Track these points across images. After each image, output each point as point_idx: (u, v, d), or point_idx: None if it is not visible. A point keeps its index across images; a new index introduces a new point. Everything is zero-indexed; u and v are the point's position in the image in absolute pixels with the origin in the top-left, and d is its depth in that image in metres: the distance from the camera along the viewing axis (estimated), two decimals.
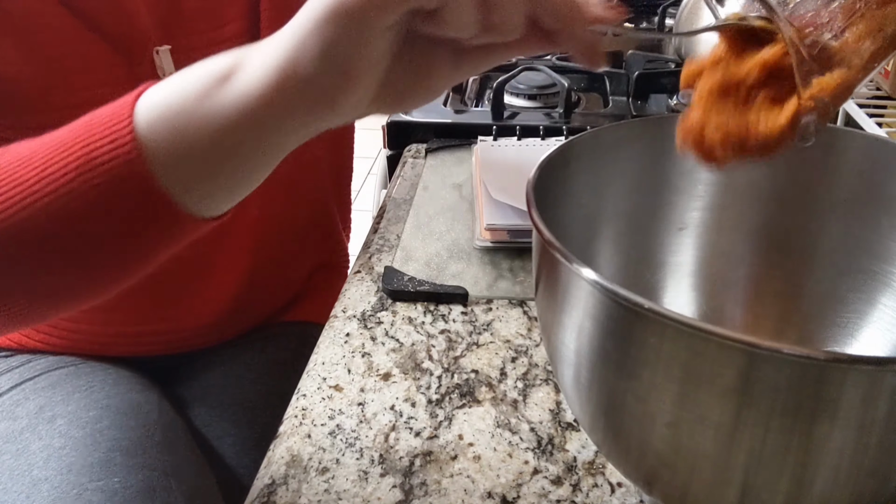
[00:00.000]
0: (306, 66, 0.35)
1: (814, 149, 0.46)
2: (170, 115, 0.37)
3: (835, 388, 0.27)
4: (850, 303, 0.46)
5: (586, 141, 0.43)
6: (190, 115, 0.37)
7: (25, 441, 0.62)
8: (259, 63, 0.36)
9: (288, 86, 0.35)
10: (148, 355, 0.75)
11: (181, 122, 0.37)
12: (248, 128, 0.37)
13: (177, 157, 0.38)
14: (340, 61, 0.35)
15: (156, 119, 0.38)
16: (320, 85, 0.35)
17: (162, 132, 0.37)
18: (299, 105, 0.36)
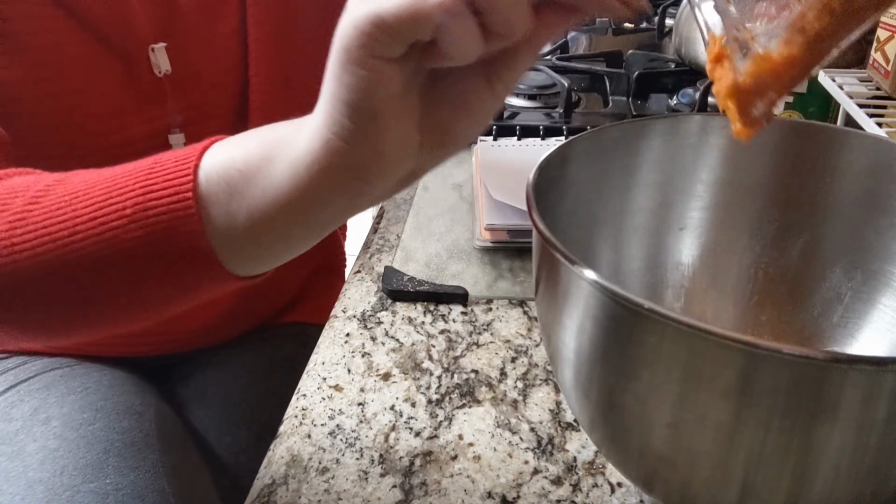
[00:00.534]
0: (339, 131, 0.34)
1: (814, 149, 0.46)
2: (232, 174, 0.37)
3: (835, 388, 0.27)
4: (851, 303, 0.46)
5: (586, 141, 0.43)
6: (248, 179, 0.37)
7: (20, 443, 0.62)
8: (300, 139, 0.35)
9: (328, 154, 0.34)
10: (145, 356, 0.75)
11: (240, 185, 0.37)
12: (297, 201, 0.36)
13: (230, 219, 0.38)
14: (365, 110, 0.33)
15: (217, 177, 0.37)
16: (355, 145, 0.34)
17: (221, 193, 0.37)
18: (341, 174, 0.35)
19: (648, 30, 1.28)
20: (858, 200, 0.45)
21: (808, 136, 0.46)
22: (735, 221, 0.49)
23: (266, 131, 0.38)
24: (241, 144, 0.38)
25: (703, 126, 0.47)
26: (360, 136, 0.34)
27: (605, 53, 1.09)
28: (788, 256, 0.48)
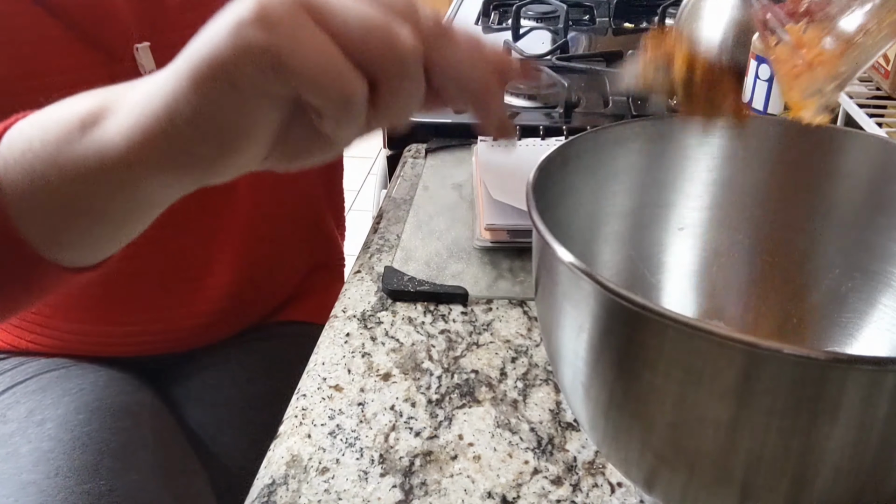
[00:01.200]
0: (178, 128, 0.30)
1: (814, 149, 0.46)
2: (30, 158, 0.34)
3: (835, 388, 0.27)
4: (851, 303, 0.46)
5: (586, 141, 0.43)
6: (46, 160, 0.34)
7: (15, 444, 0.62)
8: (126, 113, 0.32)
9: (155, 145, 0.31)
10: (141, 355, 0.75)
11: (39, 167, 0.34)
12: (106, 183, 0.33)
13: (33, 203, 0.35)
14: (219, 129, 0.30)
15: (14, 163, 0.35)
16: (195, 152, 0.31)
17: (21, 179, 0.35)
18: (168, 166, 0.32)
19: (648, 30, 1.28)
20: (859, 201, 0.45)
21: (808, 137, 0.46)
22: (735, 221, 0.49)
23: (69, 103, 0.35)
24: (41, 122, 0.35)
25: (703, 126, 0.47)
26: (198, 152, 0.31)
27: (605, 53, 1.09)
28: (789, 256, 0.48)
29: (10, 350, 0.74)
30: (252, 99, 0.29)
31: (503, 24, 1.30)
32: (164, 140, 0.31)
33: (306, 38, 0.28)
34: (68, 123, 0.34)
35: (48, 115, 0.35)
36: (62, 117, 0.34)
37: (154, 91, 0.31)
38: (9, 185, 0.35)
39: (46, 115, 0.36)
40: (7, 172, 0.35)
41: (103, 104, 0.33)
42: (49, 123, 0.34)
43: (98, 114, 0.33)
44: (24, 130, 0.35)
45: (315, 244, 0.88)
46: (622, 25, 1.32)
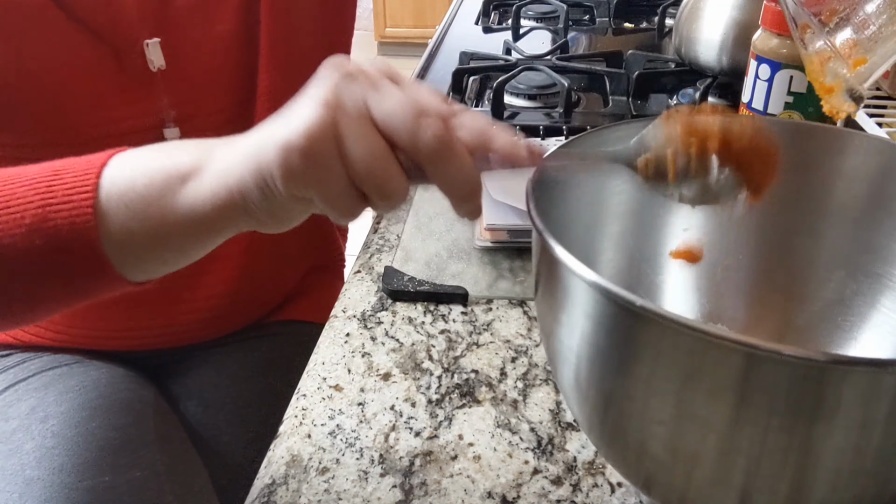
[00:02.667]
0: (249, 203, 0.38)
1: (815, 149, 0.46)
2: (132, 196, 0.40)
3: (835, 389, 0.27)
4: (852, 305, 0.46)
5: (587, 141, 0.43)
6: (148, 203, 0.40)
7: (18, 441, 0.62)
8: (213, 177, 0.39)
9: (233, 208, 0.39)
10: (143, 350, 0.75)
11: (140, 208, 0.40)
12: (195, 229, 0.40)
13: (127, 236, 0.41)
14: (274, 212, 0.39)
15: (116, 196, 0.41)
16: (259, 219, 0.39)
17: (120, 212, 0.41)
18: (243, 222, 0.40)
19: (648, 30, 1.28)
20: (861, 202, 0.45)
21: (810, 138, 0.46)
22: (736, 222, 0.49)
23: (169, 153, 0.41)
24: (143, 166, 0.41)
25: None
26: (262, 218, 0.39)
27: (605, 53, 1.09)
28: (791, 257, 0.48)
29: (14, 344, 0.74)
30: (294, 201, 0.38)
31: (503, 24, 1.30)
32: (240, 210, 0.39)
33: (330, 174, 0.36)
34: (170, 175, 0.40)
35: (149, 160, 0.42)
36: (164, 166, 0.40)
37: (229, 170, 0.39)
38: (109, 216, 0.41)
39: (147, 159, 0.42)
40: (109, 204, 0.41)
41: (197, 163, 0.40)
42: (152, 169, 0.41)
43: (193, 171, 0.40)
44: (125, 171, 0.41)
45: (316, 244, 0.88)
46: (622, 25, 1.32)
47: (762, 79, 0.72)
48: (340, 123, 0.35)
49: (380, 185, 0.36)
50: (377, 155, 0.36)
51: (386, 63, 0.40)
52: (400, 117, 0.36)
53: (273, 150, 0.36)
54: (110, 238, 0.41)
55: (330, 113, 0.35)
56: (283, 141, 0.36)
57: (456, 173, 0.37)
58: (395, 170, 0.37)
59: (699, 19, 0.94)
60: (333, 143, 0.36)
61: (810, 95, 0.71)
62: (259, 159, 0.37)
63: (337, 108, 0.36)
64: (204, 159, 0.40)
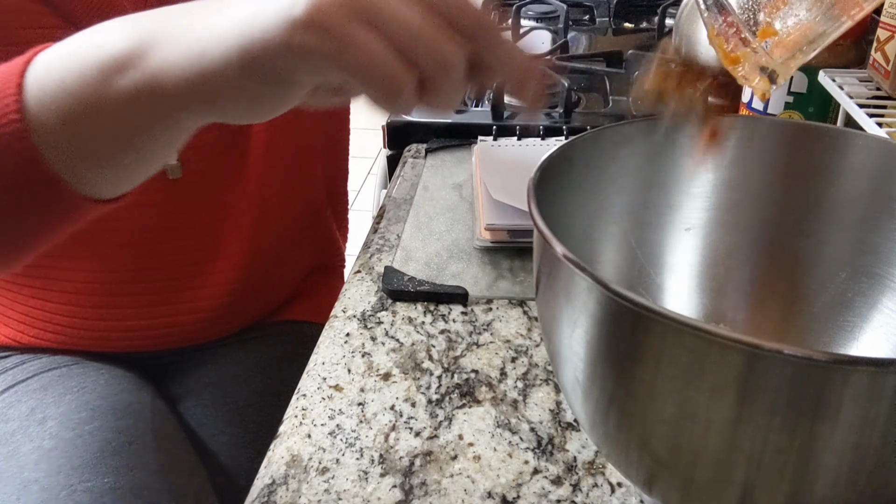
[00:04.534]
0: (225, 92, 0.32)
1: (815, 149, 0.46)
2: (63, 96, 0.35)
3: (836, 389, 0.27)
4: (854, 305, 0.46)
5: (587, 141, 0.43)
6: (83, 100, 0.34)
7: (16, 443, 0.62)
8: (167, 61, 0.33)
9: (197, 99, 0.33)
10: (143, 351, 0.75)
11: (74, 106, 0.35)
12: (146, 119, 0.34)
13: (67, 138, 0.36)
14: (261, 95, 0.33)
15: (48, 98, 0.35)
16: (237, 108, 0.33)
17: (53, 114, 0.35)
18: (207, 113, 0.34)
19: (648, 30, 1.28)
20: (862, 202, 0.45)
21: (810, 138, 0.46)
22: (739, 222, 0.49)
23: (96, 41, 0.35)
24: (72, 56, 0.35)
25: None
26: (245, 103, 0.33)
27: (605, 53, 1.09)
28: (792, 258, 0.48)
29: (13, 346, 0.74)
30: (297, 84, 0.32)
31: (503, 24, 1.30)
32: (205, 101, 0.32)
33: (358, 42, 0.29)
34: (104, 62, 0.34)
35: (77, 52, 0.35)
36: (97, 55, 0.34)
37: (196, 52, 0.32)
38: (42, 124, 0.35)
39: (74, 51, 0.35)
40: (40, 111, 0.35)
41: (139, 45, 0.33)
42: (82, 61, 0.34)
43: (137, 53, 0.33)
44: (53, 68, 0.35)
45: (317, 245, 0.88)
46: (622, 25, 1.32)
47: None
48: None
49: (440, 52, 0.30)
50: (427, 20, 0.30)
51: None
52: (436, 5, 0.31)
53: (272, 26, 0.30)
54: (47, 145, 0.35)
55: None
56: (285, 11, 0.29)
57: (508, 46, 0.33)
58: (452, 33, 0.31)
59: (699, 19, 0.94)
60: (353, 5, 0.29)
61: (810, 95, 0.71)
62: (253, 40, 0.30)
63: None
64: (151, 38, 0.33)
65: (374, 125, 0.85)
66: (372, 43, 0.29)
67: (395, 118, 0.91)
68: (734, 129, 0.47)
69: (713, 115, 0.42)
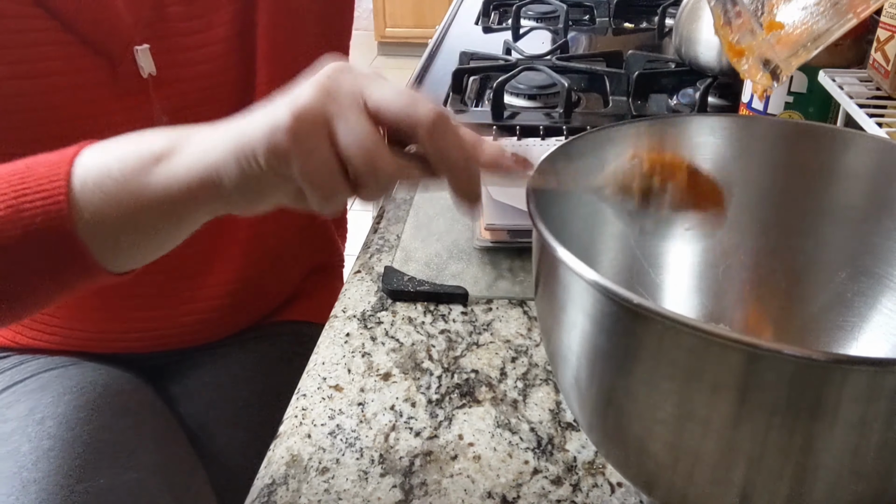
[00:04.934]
0: (224, 183, 0.39)
1: (815, 150, 0.46)
2: (105, 181, 0.41)
3: (835, 389, 0.27)
4: (853, 305, 0.46)
5: (587, 140, 0.43)
6: (121, 185, 0.41)
7: (15, 443, 0.62)
8: (189, 156, 0.40)
9: (208, 187, 0.39)
10: (142, 352, 0.75)
11: (113, 191, 0.41)
12: (170, 210, 0.41)
13: (102, 220, 0.41)
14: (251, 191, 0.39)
15: (91, 183, 0.41)
16: (234, 200, 0.40)
17: (94, 196, 0.41)
18: (217, 204, 0.41)
19: (648, 30, 1.28)
20: (862, 202, 0.45)
21: (810, 138, 0.46)
22: (739, 222, 0.49)
23: (141, 138, 0.42)
24: (117, 150, 0.42)
25: (703, 126, 0.47)
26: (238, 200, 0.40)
27: (605, 53, 1.09)
28: (792, 257, 0.48)
29: (12, 347, 0.74)
30: (275, 177, 0.38)
31: (503, 24, 1.30)
32: (214, 189, 0.39)
33: (316, 151, 0.36)
34: (143, 157, 0.40)
35: (123, 146, 0.42)
36: (138, 150, 0.41)
37: (209, 149, 0.39)
38: (83, 204, 0.41)
39: (120, 145, 0.42)
40: (84, 192, 0.41)
41: (172, 144, 0.40)
42: (126, 154, 0.41)
43: (168, 153, 0.40)
44: (98, 158, 0.42)
45: (315, 246, 0.88)
46: (622, 25, 1.32)
47: None
48: (332, 105, 0.36)
49: (372, 160, 0.36)
50: (369, 133, 0.36)
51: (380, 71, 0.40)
52: (397, 100, 0.37)
53: (260, 128, 0.37)
54: (84, 224, 0.41)
55: (322, 95, 0.36)
56: (272, 119, 0.36)
57: (455, 147, 0.37)
58: (387, 150, 0.37)
59: (699, 19, 0.94)
60: (322, 124, 0.36)
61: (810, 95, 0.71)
62: (242, 138, 0.37)
63: (329, 91, 0.36)
64: (180, 141, 0.40)
65: None
66: (327, 160, 0.36)
67: None
68: (727, 127, 0.47)
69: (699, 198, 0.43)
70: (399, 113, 0.37)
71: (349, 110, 0.36)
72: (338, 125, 0.36)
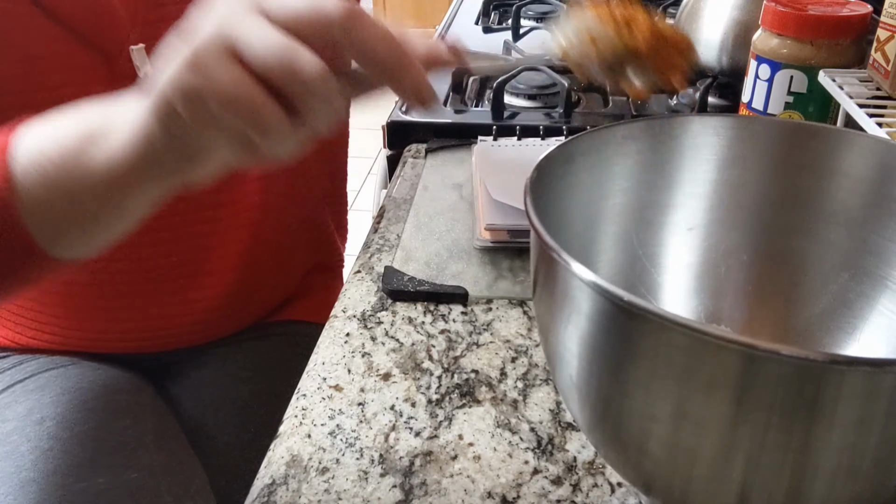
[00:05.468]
0: (157, 146, 0.36)
1: (815, 150, 0.46)
2: (45, 165, 0.39)
3: (833, 389, 0.27)
4: (853, 306, 0.46)
5: (586, 140, 0.43)
6: (62, 169, 0.39)
7: (14, 443, 0.62)
8: (121, 132, 0.37)
9: (144, 157, 0.37)
10: (141, 352, 0.75)
11: (53, 175, 0.39)
12: (112, 190, 0.39)
13: (46, 205, 0.40)
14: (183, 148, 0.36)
15: (31, 167, 0.40)
16: (169, 165, 0.37)
17: (35, 181, 0.40)
18: (159, 173, 0.38)
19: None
20: (862, 203, 0.45)
21: (810, 138, 0.46)
22: (739, 223, 0.49)
23: (79, 117, 0.40)
24: (53, 133, 0.40)
25: (703, 126, 0.47)
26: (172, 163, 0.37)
27: None
28: (792, 258, 0.48)
29: (11, 346, 0.74)
30: (198, 126, 0.35)
31: (503, 24, 1.30)
32: (150, 157, 0.37)
33: (224, 75, 0.32)
34: (80, 137, 0.39)
35: (59, 126, 0.40)
36: (73, 131, 0.39)
37: (135, 118, 0.37)
38: (25, 189, 0.39)
39: (55, 125, 0.40)
40: (25, 177, 0.39)
41: (103, 121, 0.38)
42: (62, 136, 0.39)
43: (101, 131, 0.38)
44: (36, 140, 0.40)
45: (316, 246, 0.88)
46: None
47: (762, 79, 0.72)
48: (229, 27, 0.33)
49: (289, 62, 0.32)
50: (275, 35, 0.32)
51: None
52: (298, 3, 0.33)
53: (166, 76, 0.34)
54: (29, 210, 0.40)
55: (217, 19, 0.33)
56: (173, 62, 0.33)
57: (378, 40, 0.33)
58: (302, 48, 0.32)
59: (699, 19, 0.94)
60: (224, 46, 0.33)
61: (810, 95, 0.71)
62: (158, 92, 0.35)
63: (224, 15, 0.33)
64: (110, 116, 0.38)
65: (374, 125, 0.85)
66: (236, 77, 0.32)
67: (396, 117, 0.91)
68: (727, 127, 0.47)
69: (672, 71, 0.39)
70: (304, 16, 0.33)
71: (247, 22, 0.33)
72: (240, 40, 0.32)
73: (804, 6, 0.70)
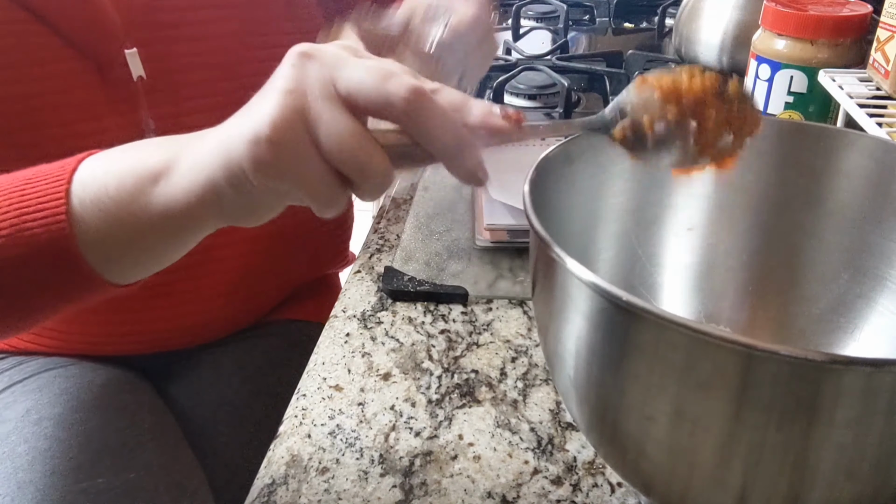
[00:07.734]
0: (223, 200, 0.38)
1: (815, 150, 0.46)
2: (104, 200, 0.40)
3: (832, 389, 0.27)
4: (853, 306, 0.46)
5: (586, 140, 0.43)
6: (120, 206, 0.40)
7: (12, 444, 0.62)
8: (184, 176, 0.38)
9: (207, 206, 0.38)
10: (140, 354, 0.75)
11: (113, 210, 0.40)
12: (171, 229, 0.40)
13: (103, 238, 0.41)
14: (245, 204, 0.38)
15: (90, 201, 0.41)
16: (231, 214, 0.39)
17: (94, 215, 0.41)
18: (218, 220, 0.40)
19: (648, 30, 1.28)
20: (862, 203, 0.45)
21: (810, 138, 0.46)
22: (739, 222, 0.49)
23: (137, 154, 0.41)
24: (114, 167, 0.41)
25: None
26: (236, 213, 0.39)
27: (605, 53, 1.09)
28: (792, 258, 0.48)
29: (9, 350, 0.74)
30: (269, 193, 0.37)
31: (503, 24, 1.30)
32: (213, 207, 0.38)
33: (301, 165, 0.35)
34: (141, 175, 0.40)
35: (119, 162, 0.41)
36: (134, 167, 0.40)
37: (202, 167, 0.38)
38: (84, 222, 0.41)
39: (117, 160, 0.41)
40: (83, 209, 0.41)
41: (167, 161, 0.39)
42: (123, 171, 0.40)
43: (164, 170, 0.39)
44: (97, 174, 0.41)
45: (315, 246, 0.88)
46: (622, 25, 1.32)
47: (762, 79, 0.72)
48: (307, 107, 0.34)
49: (359, 162, 0.35)
50: (350, 131, 0.34)
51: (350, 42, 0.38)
52: (368, 83, 0.34)
53: (240, 143, 0.35)
54: (86, 242, 0.41)
55: (294, 98, 0.34)
56: (250, 133, 0.35)
57: (439, 126, 0.35)
58: (373, 146, 0.35)
59: (699, 19, 0.94)
60: (303, 129, 0.34)
61: (810, 95, 0.71)
62: (228, 155, 0.36)
63: (301, 92, 0.34)
64: (174, 157, 0.39)
65: None
66: (314, 164, 0.35)
67: None
68: None
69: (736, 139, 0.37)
70: (372, 96, 0.34)
71: (324, 107, 0.34)
72: (317, 127, 0.34)
73: (804, 6, 0.71)
